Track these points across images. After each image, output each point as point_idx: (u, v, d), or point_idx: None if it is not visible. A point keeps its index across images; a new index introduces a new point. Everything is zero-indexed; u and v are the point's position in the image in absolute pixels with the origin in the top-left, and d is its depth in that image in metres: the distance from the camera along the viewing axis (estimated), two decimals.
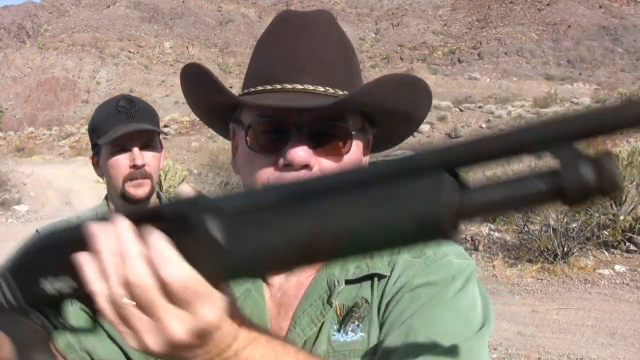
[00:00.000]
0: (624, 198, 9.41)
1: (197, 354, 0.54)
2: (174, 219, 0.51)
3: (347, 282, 0.82)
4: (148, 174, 1.60)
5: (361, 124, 0.83)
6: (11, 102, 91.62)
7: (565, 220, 8.44)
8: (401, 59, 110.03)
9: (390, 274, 0.81)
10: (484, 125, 29.85)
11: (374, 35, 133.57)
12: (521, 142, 0.46)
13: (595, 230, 8.52)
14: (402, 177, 0.45)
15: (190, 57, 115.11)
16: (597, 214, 8.59)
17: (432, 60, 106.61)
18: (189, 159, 26.65)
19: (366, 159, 0.88)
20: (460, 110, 32.05)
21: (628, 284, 7.51)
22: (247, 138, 0.79)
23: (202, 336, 0.52)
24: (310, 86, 0.78)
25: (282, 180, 0.73)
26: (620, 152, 10.29)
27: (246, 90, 0.82)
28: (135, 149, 1.58)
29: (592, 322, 6.17)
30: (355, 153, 0.81)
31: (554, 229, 8.35)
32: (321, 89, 0.78)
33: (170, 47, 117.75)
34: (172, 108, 74.75)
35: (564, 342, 5.62)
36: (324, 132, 0.78)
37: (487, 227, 10.97)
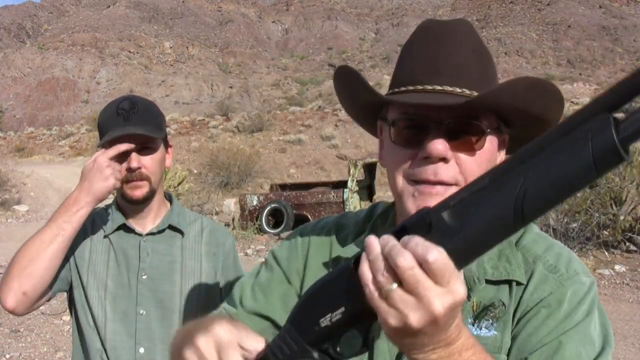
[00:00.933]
0: (624, 198, 9.41)
1: (433, 341, 0.64)
2: (416, 226, 0.63)
3: (487, 281, 0.88)
4: (145, 175, 1.60)
5: (496, 123, 0.88)
6: (11, 102, 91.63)
7: (565, 220, 8.43)
8: None
9: (527, 283, 0.87)
10: None
11: (374, 35, 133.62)
12: None
13: (595, 230, 8.51)
14: (575, 128, 0.56)
15: (190, 57, 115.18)
16: (597, 214, 8.58)
17: None
18: (189, 159, 26.65)
19: (502, 156, 0.93)
20: None
21: (628, 284, 7.51)
22: (391, 133, 0.88)
23: (453, 313, 0.62)
24: (448, 87, 0.86)
25: (420, 171, 0.84)
26: None
27: (391, 91, 0.92)
28: (133, 153, 1.58)
29: None
30: (489, 149, 0.87)
31: (554, 229, 8.34)
32: (458, 90, 0.86)
33: (170, 47, 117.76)
34: (172, 108, 74.72)
35: None
36: (460, 129, 0.85)
37: None
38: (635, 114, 0.55)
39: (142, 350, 1.60)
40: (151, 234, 1.68)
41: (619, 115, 0.56)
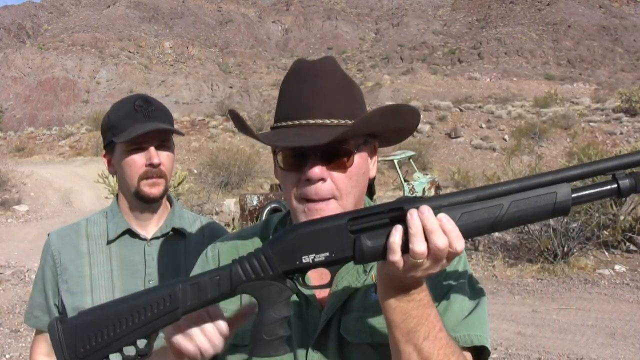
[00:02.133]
0: (623, 198, 9.39)
1: (417, 284, 0.89)
2: None
3: None
4: (163, 173, 1.61)
5: (363, 139, 1.06)
6: (11, 102, 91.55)
7: (565, 220, 8.41)
8: (401, 59, 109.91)
9: None
10: (484, 126, 29.83)
11: (374, 35, 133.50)
12: (604, 168, 0.85)
13: (595, 230, 8.50)
14: (548, 186, 0.86)
15: (190, 57, 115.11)
16: (597, 214, 8.57)
17: (432, 60, 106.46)
18: (189, 159, 26.63)
19: (374, 160, 1.13)
20: (460, 110, 31.99)
21: (628, 284, 7.50)
22: (279, 160, 1.06)
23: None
24: (319, 120, 1.02)
25: (305, 192, 1.01)
26: (620, 152, 10.30)
27: (275, 124, 1.07)
28: (152, 148, 1.58)
29: (592, 322, 6.16)
30: (359, 163, 1.05)
31: (554, 229, 8.34)
32: (327, 121, 1.02)
33: (170, 47, 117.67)
34: (172, 108, 74.62)
35: (564, 342, 5.62)
36: (332, 153, 1.02)
37: None
38: (586, 189, 0.86)
39: None
40: (155, 238, 1.67)
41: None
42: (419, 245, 0.82)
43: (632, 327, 5.92)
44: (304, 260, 0.89)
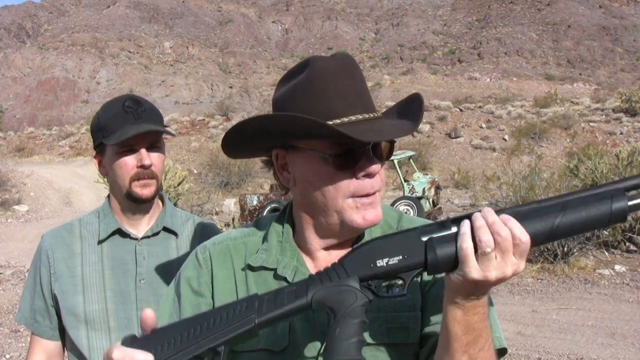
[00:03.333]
0: None
1: (478, 292, 0.88)
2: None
3: None
4: (154, 174, 1.61)
5: None
6: (11, 102, 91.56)
7: None
8: (401, 59, 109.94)
9: None
10: (483, 126, 29.83)
11: (374, 35, 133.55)
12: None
13: (595, 230, 8.50)
14: (602, 193, 0.88)
15: (190, 57, 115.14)
16: None
17: (432, 60, 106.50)
18: (189, 159, 26.64)
19: None
20: (460, 110, 31.97)
21: (628, 284, 7.50)
22: (330, 161, 1.01)
23: (504, 280, 0.87)
24: (373, 113, 1.03)
25: (362, 188, 1.00)
26: (620, 152, 10.30)
27: (333, 122, 1.00)
28: (143, 150, 1.58)
29: (592, 322, 6.16)
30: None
31: None
32: (371, 115, 1.03)
33: (170, 47, 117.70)
34: (172, 108, 74.66)
35: (564, 342, 5.62)
36: (381, 147, 1.04)
37: None
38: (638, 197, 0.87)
39: None
40: (146, 237, 1.67)
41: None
42: (484, 235, 0.85)
43: (632, 327, 5.92)
44: (378, 264, 0.90)
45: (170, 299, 1.16)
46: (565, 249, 8.33)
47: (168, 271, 1.64)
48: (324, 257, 1.10)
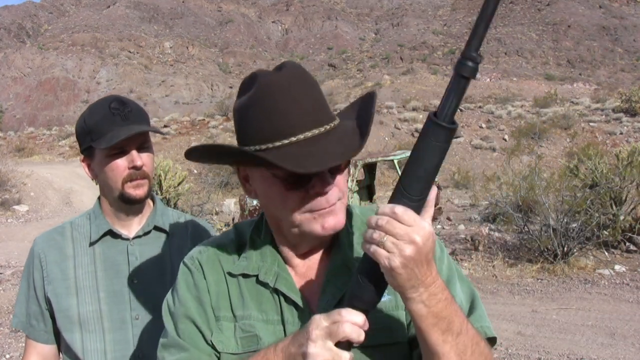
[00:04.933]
0: (623, 198, 9.40)
1: (419, 279, 0.88)
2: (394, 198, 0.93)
3: None
4: (146, 174, 1.61)
5: None
6: (11, 102, 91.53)
7: (565, 220, 8.41)
8: (401, 59, 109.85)
9: None
10: (483, 126, 29.83)
11: (374, 35, 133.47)
12: None
13: (595, 230, 8.50)
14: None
15: (190, 57, 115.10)
16: (597, 214, 8.57)
17: (432, 60, 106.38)
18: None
19: None
20: (460, 110, 31.94)
21: (628, 284, 7.50)
22: (280, 183, 1.00)
23: (428, 243, 0.88)
24: (326, 126, 1.00)
25: (316, 204, 1.00)
26: (620, 152, 10.29)
27: (269, 145, 0.98)
28: (134, 152, 1.58)
29: (592, 322, 6.16)
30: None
31: (554, 229, 8.33)
32: (327, 127, 1.00)
33: (170, 47, 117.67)
34: (172, 108, 74.68)
35: (564, 342, 5.62)
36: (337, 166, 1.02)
37: (487, 227, 10.95)
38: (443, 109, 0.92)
39: (142, 355, 1.59)
40: (137, 237, 1.67)
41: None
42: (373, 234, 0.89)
43: (632, 327, 5.92)
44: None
45: (190, 328, 1.11)
46: (565, 249, 8.33)
47: (160, 270, 1.64)
48: (302, 264, 1.11)
